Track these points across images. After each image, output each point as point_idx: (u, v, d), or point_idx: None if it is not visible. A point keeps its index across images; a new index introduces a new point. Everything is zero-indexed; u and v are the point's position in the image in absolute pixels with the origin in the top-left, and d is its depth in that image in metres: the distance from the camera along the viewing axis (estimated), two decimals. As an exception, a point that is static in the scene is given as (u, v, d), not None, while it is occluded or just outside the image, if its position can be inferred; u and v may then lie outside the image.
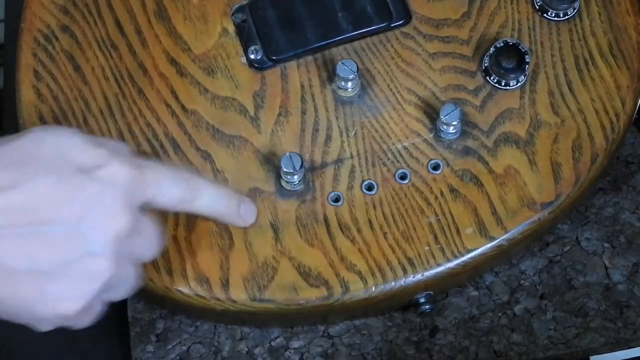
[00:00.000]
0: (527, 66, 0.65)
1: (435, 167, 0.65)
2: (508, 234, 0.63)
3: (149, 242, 0.56)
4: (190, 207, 0.58)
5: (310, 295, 0.62)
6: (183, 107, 0.66)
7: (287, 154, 0.63)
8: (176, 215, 0.64)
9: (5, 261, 0.52)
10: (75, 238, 0.52)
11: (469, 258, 0.63)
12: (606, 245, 0.69)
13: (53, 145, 0.54)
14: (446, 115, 0.64)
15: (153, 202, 0.56)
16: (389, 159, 0.65)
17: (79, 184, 0.52)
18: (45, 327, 0.55)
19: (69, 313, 0.54)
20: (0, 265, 0.52)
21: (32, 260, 0.52)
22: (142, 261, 0.56)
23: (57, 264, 0.52)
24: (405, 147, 0.65)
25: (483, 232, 0.63)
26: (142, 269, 0.57)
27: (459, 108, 0.64)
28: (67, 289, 0.53)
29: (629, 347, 0.68)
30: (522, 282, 0.68)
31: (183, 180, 0.57)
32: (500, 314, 0.67)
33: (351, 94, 0.66)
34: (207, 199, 0.59)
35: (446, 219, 0.64)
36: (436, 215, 0.64)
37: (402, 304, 0.66)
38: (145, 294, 0.65)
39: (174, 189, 0.57)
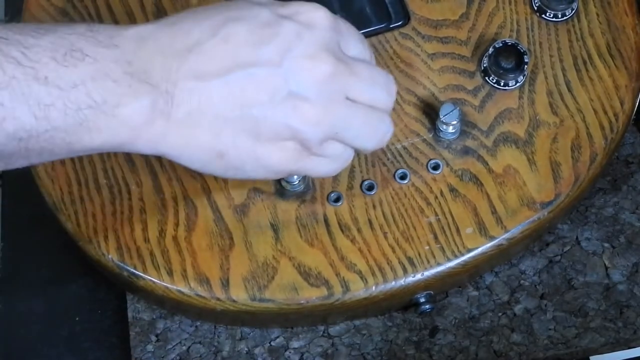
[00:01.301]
0: (525, 66, 0.65)
1: (435, 167, 0.65)
2: (508, 234, 0.63)
3: (373, 84, 0.55)
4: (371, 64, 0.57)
5: (311, 295, 0.62)
6: (183, 108, 0.66)
7: (287, 154, 0.63)
8: (176, 215, 0.64)
9: (217, 110, 0.51)
10: (278, 78, 0.52)
11: (469, 257, 0.63)
12: (606, 245, 0.70)
13: (245, 2, 0.54)
14: (445, 115, 0.64)
15: (354, 52, 0.55)
16: (388, 159, 0.65)
17: (277, 26, 0.52)
18: (272, 176, 0.56)
19: (284, 158, 0.54)
20: (215, 115, 0.52)
21: (241, 104, 0.52)
22: (376, 104, 0.55)
23: (266, 105, 0.52)
24: (404, 147, 0.65)
25: (483, 231, 0.63)
26: (388, 116, 0.56)
27: (458, 108, 0.64)
28: (280, 129, 0.53)
29: (629, 347, 0.68)
30: (522, 282, 0.68)
31: (365, 40, 0.57)
32: (500, 314, 0.67)
33: (350, 95, 0.66)
34: (379, 81, 0.57)
35: (446, 218, 0.64)
36: (436, 215, 0.64)
37: (402, 303, 0.66)
38: (145, 294, 0.65)
39: (361, 44, 0.56)
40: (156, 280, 0.63)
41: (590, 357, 0.67)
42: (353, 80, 0.54)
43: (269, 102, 0.52)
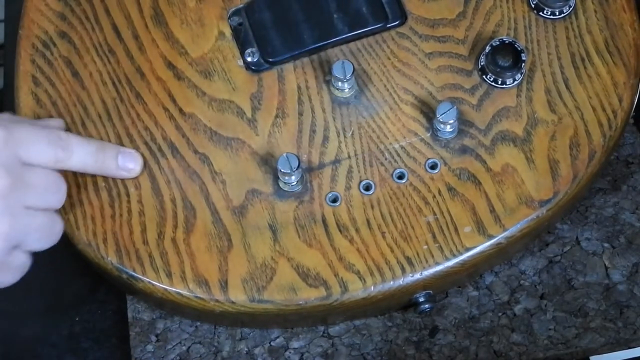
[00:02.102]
0: (523, 64, 0.65)
1: (433, 166, 0.65)
2: (506, 232, 0.63)
3: (46, 190, 0.58)
4: (67, 165, 0.60)
5: (309, 296, 0.62)
6: (181, 111, 0.67)
7: (285, 154, 0.63)
8: (175, 218, 0.64)
9: None
10: None
11: (467, 257, 0.63)
12: (606, 245, 0.69)
13: None
14: (443, 114, 0.64)
15: (31, 163, 0.57)
16: (386, 159, 0.65)
17: None
18: None
19: None
20: None
21: None
22: (50, 207, 0.58)
23: None
24: (402, 147, 0.65)
25: (481, 230, 0.63)
26: (58, 215, 0.59)
27: (455, 107, 0.64)
28: None
29: (629, 347, 0.67)
30: (522, 282, 0.68)
31: (55, 139, 0.59)
32: (500, 314, 0.67)
33: (348, 95, 0.66)
34: (81, 155, 0.61)
35: (444, 217, 0.64)
36: (434, 214, 0.64)
37: (401, 303, 0.66)
38: (145, 296, 0.65)
39: (47, 148, 0.59)
40: (155, 283, 0.63)
41: (590, 357, 0.67)
42: (28, 191, 0.57)
43: None
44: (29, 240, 0.58)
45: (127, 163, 0.64)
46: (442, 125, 0.64)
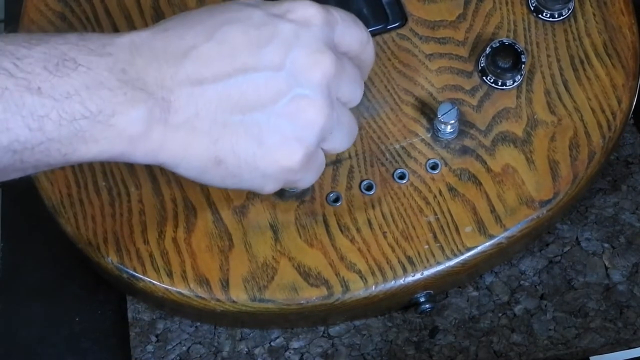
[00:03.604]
0: (523, 66, 0.65)
1: (434, 167, 0.65)
2: (507, 232, 0.64)
3: (355, 81, 0.55)
4: (364, 50, 0.57)
5: (311, 295, 0.62)
6: (181, 111, 0.67)
7: (286, 154, 0.63)
8: (175, 217, 0.64)
9: (216, 116, 0.50)
10: (281, 80, 0.51)
11: (468, 256, 0.63)
12: (606, 245, 0.70)
13: (236, 4, 0.53)
14: (444, 114, 0.64)
15: (340, 43, 0.55)
16: (387, 159, 0.65)
17: (273, 27, 0.51)
18: (270, 185, 0.54)
19: (292, 163, 0.52)
20: (213, 121, 0.50)
21: (241, 108, 0.50)
22: (351, 104, 0.55)
23: (268, 109, 0.51)
24: (403, 147, 0.66)
25: (482, 230, 0.63)
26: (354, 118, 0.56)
27: (456, 107, 0.64)
28: (286, 136, 0.51)
29: (629, 347, 0.67)
30: (522, 282, 0.68)
31: (360, 23, 0.56)
32: (500, 314, 0.67)
33: (349, 95, 0.66)
34: (372, 42, 0.58)
35: (445, 217, 0.64)
36: (435, 214, 0.64)
37: (402, 303, 0.66)
38: (145, 296, 0.65)
39: (357, 29, 0.56)
40: (156, 282, 0.63)
41: (590, 358, 0.67)
42: (343, 80, 0.54)
43: (272, 106, 0.51)
44: (335, 137, 0.54)
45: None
46: (442, 126, 0.65)
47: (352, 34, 0.56)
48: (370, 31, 0.67)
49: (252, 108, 0.51)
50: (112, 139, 0.49)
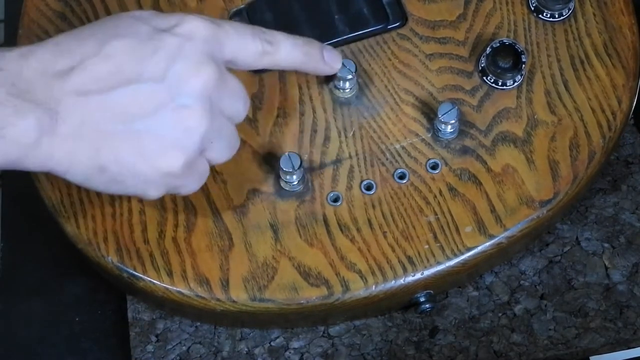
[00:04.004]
0: (523, 66, 0.65)
1: (434, 167, 0.65)
2: (507, 232, 0.64)
3: (238, 96, 0.56)
4: (272, 59, 0.58)
5: (311, 295, 0.62)
6: (181, 110, 0.67)
7: (287, 153, 0.63)
8: (175, 217, 0.64)
9: (100, 126, 0.52)
10: (163, 91, 0.53)
11: (468, 256, 0.63)
12: (606, 245, 0.70)
13: (126, 17, 0.54)
14: (444, 114, 0.64)
15: (235, 60, 0.56)
16: (387, 159, 0.65)
17: (158, 41, 0.53)
18: (153, 192, 0.56)
19: (173, 169, 0.54)
20: (97, 130, 0.52)
21: (123, 118, 0.52)
22: (235, 119, 0.57)
23: (150, 119, 0.53)
24: (403, 147, 0.66)
25: (482, 230, 0.63)
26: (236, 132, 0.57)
27: (456, 107, 0.64)
28: (166, 143, 0.53)
29: (629, 347, 0.68)
30: (522, 282, 0.68)
31: (260, 32, 0.57)
32: (500, 314, 0.67)
33: (349, 95, 0.66)
34: (289, 48, 0.59)
35: (445, 217, 0.64)
36: (435, 214, 0.64)
37: (402, 303, 0.66)
38: (145, 296, 0.65)
39: (254, 41, 0.57)
40: (156, 282, 0.63)
41: (590, 357, 0.67)
42: (225, 92, 0.55)
43: (153, 115, 0.53)
44: (215, 147, 0.56)
45: (332, 58, 0.63)
46: (443, 126, 0.65)
47: (248, 47, 0.57)
48: (370, 31, 0.68)
49: (134, 118, 0.53)
50: (4, 149, 0.51)
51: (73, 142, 0.52)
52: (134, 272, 0.63)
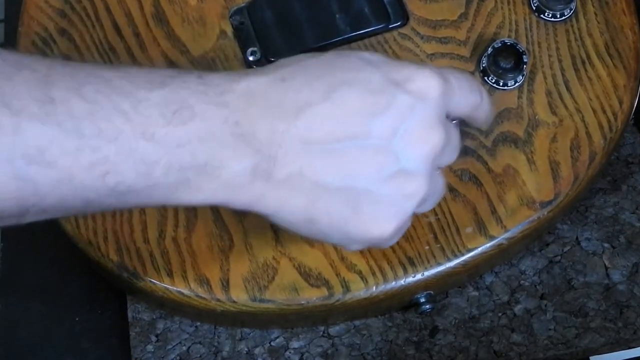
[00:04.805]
0: (524, 66, 0.65)
1: (434, 167, 0.65)
2: (508, 233, 0.63)
3: (456, 149, 0.54)
4: (476, 112, 0.56)
5: (311, 295, 0.62)
6: (182, 109, 0.66)
7: (287, 154, 0.63)
8: (176, 217, 0.64)
9: (319, 177, 0.50)
10: (388, 153, 0.50)
11: (469, 257, 0.63)
12: (606, 245, 0.70)
13: (357, 60, 0.52)
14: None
15: (453, 112, 0.54)
16: (388, 159, 0.65)
17: (389, 96, 0.50)
18: (355, 247, 0.54)
19: (384, 234, 0.52)
20: (315, 182, 0.50)
21: (344, 175, 0.50)
22: (445, 166, 0.55)
23: (371, 180, 0.50)
24: (404, 147, 0.65)
25: (483, 231, 0.63)
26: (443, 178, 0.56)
27: (457, 107, 0.64)
28: (383, 208, 0.51)
29: (629, 347, 0.68)
30: (522, 282, 0.68)
31: (476, 85, 0.55)
32: (500, 314, 0.67)
33: (350, 95, 0.66)
34: (487, 101, 0.57)
35: (446, 218, 0.64)
36: (435, 214, 0.64)
37: (402, 303, 0.66)
38: (145, 296, 0.65)
39: (471, 95, 0.55)
40: (156, 282, 0.63)
41: (590, 357, 0.67)
42: (447, 149, 0.53)
43: (374, 176, 0.50)
44: (426, 203, 0.54)
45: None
46: (444, 126, 0.65)
47: (467, 100, 0.55)
48: (371, 30, 0.68)
49: (355, 176, 0.50)
50: (215, 189, 0.49)
51: (287, 190, 0.50)
52: (134, 272, 0.63)
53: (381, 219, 0.52)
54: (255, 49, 0.67)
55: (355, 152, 0.50)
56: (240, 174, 0.49)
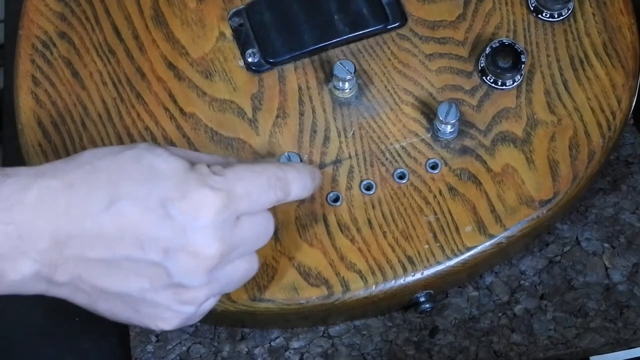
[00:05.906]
0: (523, 65, 0.65)
1: (434, 167, 0.65)
2: (507, 232, 0.63)
3: (255, 239, 0.56)
4: (284, 201, 0.57)
5: (311, 295, 0.62)
6: (181, 111, 0.67)
7: (286, 153, 0.63)
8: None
9: (97, 283, 0.53)
10: (160, 269, 0.52)
11: (468, 256, 0.63)
12: (606, 245, 0.70)
13: (148, 169, 0.53)
14: (443, 114, 0.64)
15: (248, 211, 0.55)
16: (387, 159, 0.65)
17: (163, 215, 0.52)
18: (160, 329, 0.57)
19: (171, 327, 0.55)
20: (94, 286, 0.53)
21: (120, 284, 0.53)
22: (255, 249, 0.56)
23: (145, 290, 0.53)
24: (403, 147, 0.66)
25: (482, 230, 0.63)
26: (257, 255, 0.57)
27: (456, 107, 0.64)
28: (162, 311, 0.54)
29: (629, 347, 0.67)
30: (522, 282, 0.68)
31: (274, 181, 0.56)
32: (500, 314, 0.67)
33: (348, 95, 0.66)
34: (298, 189, 0.57)
35: (445, 217, 0.64)
36: (435, 214, 0.64)
37: (402, 303, 0.66)
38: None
39: (267, 194, 0.56)
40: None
41: (590, 357, 0.67)
42: (237, 249, 0.55)
43: (149, 288, 0.53)
44: (223, 291, 0.57)
45: (319, 179, 0.61)
46: (442, 126, 0.65)
47: (258, 202, 0.55)
48: (370, 31, 0.68)
49: (130, 286, 0.53)
50: (3, 288, 0.53)
51: (70, 290, 0.53)
52: (133, 273, 0.63)
53: (161, 319, 0.55)
54: (254, 50, 0.68)
55: (129, 266, 0.52)
56: (20, 281, 0.52)
